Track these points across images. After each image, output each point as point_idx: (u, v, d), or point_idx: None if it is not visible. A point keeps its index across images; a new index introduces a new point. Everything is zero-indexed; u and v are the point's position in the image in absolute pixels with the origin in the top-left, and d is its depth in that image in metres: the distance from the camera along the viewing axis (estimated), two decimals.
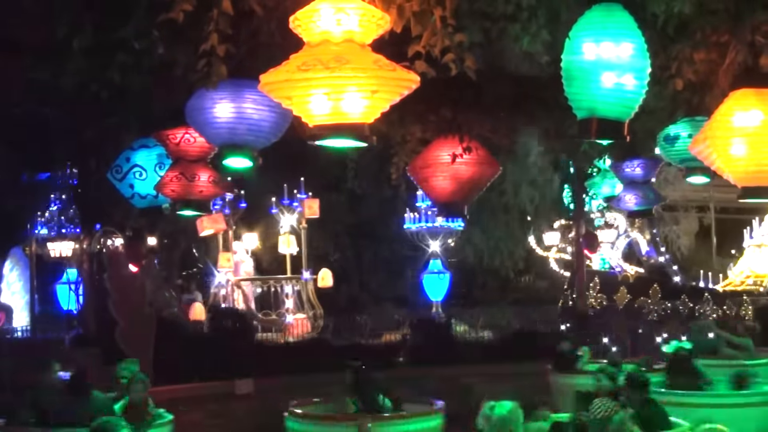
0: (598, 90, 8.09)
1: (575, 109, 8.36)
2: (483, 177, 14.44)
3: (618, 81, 8.05)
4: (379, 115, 7.12)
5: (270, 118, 10.05)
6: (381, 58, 6.91)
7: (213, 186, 12.99)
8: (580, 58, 8.15)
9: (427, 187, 14.78)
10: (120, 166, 15.13)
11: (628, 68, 8.08)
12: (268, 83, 7.07)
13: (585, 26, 8.24)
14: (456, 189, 14.28)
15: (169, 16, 7.23)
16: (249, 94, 9.87)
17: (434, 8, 7.34)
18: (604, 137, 8.71)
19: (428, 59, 7.32)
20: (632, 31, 8.20)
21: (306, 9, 6.93)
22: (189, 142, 12.76)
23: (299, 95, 6.91)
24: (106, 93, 10.39)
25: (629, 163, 16.13)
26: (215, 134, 10.38)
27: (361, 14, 6.89)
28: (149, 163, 14.71)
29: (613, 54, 8.05)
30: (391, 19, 7.19)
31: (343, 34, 6.88)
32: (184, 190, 12.88)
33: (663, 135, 12.79)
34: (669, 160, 13.47)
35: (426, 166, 14.39)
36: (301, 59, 6.84)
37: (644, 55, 8.21)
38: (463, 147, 13.52)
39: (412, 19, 7.41)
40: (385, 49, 7.13)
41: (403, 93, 7.08)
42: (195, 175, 12.82)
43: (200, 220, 23.07)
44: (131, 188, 15.17)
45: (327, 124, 6.99)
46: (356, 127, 7.01)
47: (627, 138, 8.43)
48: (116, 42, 9.59)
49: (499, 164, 14.59)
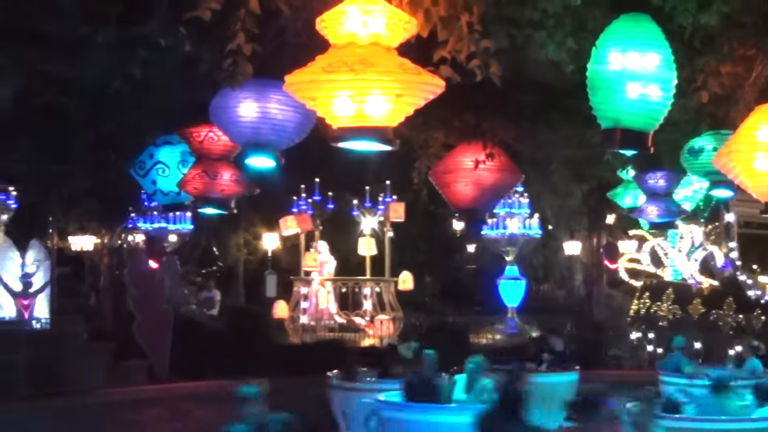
0: (623, 100, 8.07)
1: (599, 119, 8.34)
2: (505, 184, 14.42)
3: (643, 92, 8.03)
4: (403, 119, 7.10)
5: (294, 118, 10.07)
6: (406, 61, 6.90)
7: (235, 184, 13.01)
8: (605, 68, 8.13)
9: (449, 193, 14.75)
10: (143, 162, 15.19)
11: (654, 79, 8.06)
12: (293, 83, 7.08)
13: (611, 36, 8.23)
14: (477, 195, 14.25)
15: (196, 14, 7.24)
16: (273, 94, 9.89)
17: (461, 13, 7.32)
18: (627, 148, 8.69)
19: (453, 64, 7.30)
20: (659, 42, 8.17)
21: (333, 10, 6.93)
22: (212, 140, 12.79)
23: (323, 96, 6.91)
24: (127, 88, 10.42)
25: (652, 175, 16.04)
26: (239, 133, 10.41)
27: (387, 17, 6.88)
28: (172, 159, 14.75)
29: (638, 64, 8.03)
30: (417, 23, 7.18)
31: (369, 36, 6.87)
32: (206, 188, 12.91)
33: (687, 147, 12.72)
34: (692, 173, 13.40)
35: (448, 171, 14.37)
36: (327, 60, 6.84)
37: (670, 67, 8.18)
38: (486, 153, 13.50)
39: (438, 23, 7.40)
40: (411, 53, 7.12)
41: (427, 97, 7.07)
42: (217, 173, 12.85)
43: (284, 219, 23.21)
44: (154, 184, 15.23)
45: (350, 126, 6.98)
46: (380, 130, 7.00)
47: (650, 149, 8.40)
48: (139, 37, 9.63)
49: (521, 172, 14.56)
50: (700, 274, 22.79)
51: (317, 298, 22.86)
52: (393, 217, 23.02)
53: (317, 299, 22.83)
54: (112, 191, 20.42)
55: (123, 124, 15.39)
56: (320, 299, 22.84)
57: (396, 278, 23.24)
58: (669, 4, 8.41)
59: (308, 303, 22.80)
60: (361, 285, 22.99)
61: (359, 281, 23.14)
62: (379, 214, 23.26)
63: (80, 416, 14.90)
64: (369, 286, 22.90)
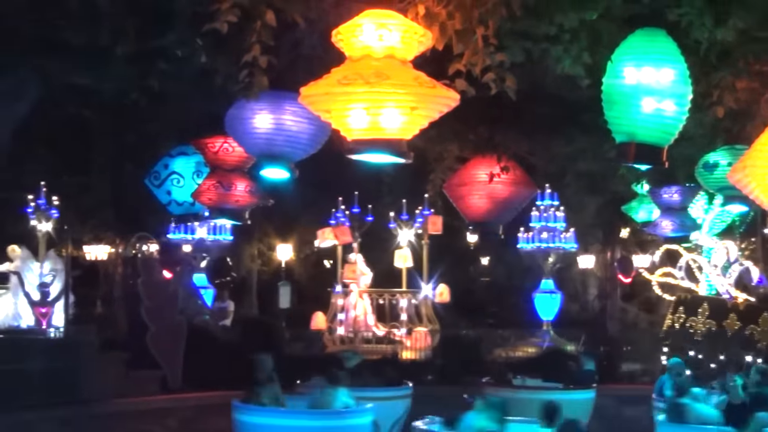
0: (638, 115, 8.06)
1: (614, 133, 8.33)
2: (519, 197, 14.42)
3: (658, 106, 8.02)
4: (417, 132, 7.11)
5: (308, 130, 10.10)
6: (421, 74, 6.92)
7: (249, 195, 13.05)
8: (620, 82, 8.13)
9: (463, 206, 14.76)
10: (158, 172, 15.25)
11: (669, 94, 8.05)
12: (308, 96, 7.09)
13: (627, 50, 8.22)
14: (492, 208, 14.26)
15: (213, 26, 7.27)
16: (288, 106, 9.92)
17: (477, 27, 7.33)
18: (642, 162, 8.67)
19: (468, 78, 7.31)
20: (674, 57, 8.16)
21: (349, 23, 6.95)
22: (227, 151, 12.84)
23: (338, 109, 6.93)
24: (145, 99, 10.47)
25: (667, 189, 16.01)
26: (254, 144, 10.45)
27: (403, 31, 6.90)
28: (187, 170, 14.82)
29: (653, 79, 8.02)
30: (433, 36, 7.20)
31: (385, 49, 6.88)
32: (220, 198, 12.96)
33: (702, 162, 12.69)
34: (707, 187, 13.36)
35: (462, 184, 14.38)
36: (342, 73, 6.86)
37: (685, 82, 8.17)
38: (500, 166, 13.50)
39: (454, 37, 7.41)
40: (426, 66, 7.13)
41: (442, 110, 7.08)
42: (232, 184, 12.89)
43: (321, 231, 23.28)
44: (168, 195, 15.28)
45: (365, 139, 6.99)
46: (394, 143, 7.01)
47: (665, 164, 8.39)
48: (157, 49, 9.68)
49: (535, 185, 14.55)
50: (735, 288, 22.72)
51: (356, 309, 22.95)
52: (431, 230, 23.11)
53: (356, 311, 22.92)
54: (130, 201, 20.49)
55: (140, 135, 15.46)
56: (359, 311, 22.93)
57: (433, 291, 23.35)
58: (685, 19, 8.40)
59: (345, 314, 22.88)
60: (398, 297, 23.08)
61: (396, 293, 23.24)
62: (416, 226, 23.38)
63: (92, 425, 14.90)
64: (406, 298, 22.99)
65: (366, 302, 23.04)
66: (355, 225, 22.90)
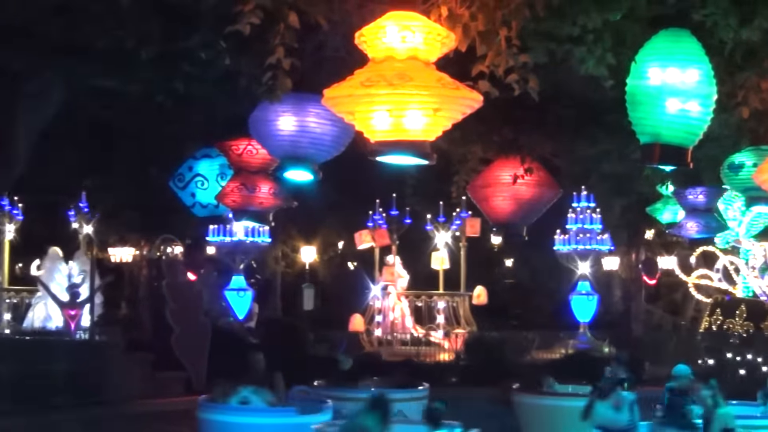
0: (663, 115, 8.03)
1: (639, 134, 8.30)
2: (543, 198, 14.38)
3: (683, 107, 7.98)
4: (440, 133, 7.11)
5: (332, 132, 10.11)
6: (444, 76, 6.91)
7: (273, 197, 13.08)
8: (645, 83, 8.10)
9: (487, 207, 14.74)
10: (183, 174, 15.31)
11: (694, 95, 8.01)
12: (332, 98, 7.10)
13: (651, 51, 8.19)
14: (515, 210, 14.23)
15: (236, 27, 7.29)
16: (312, 108, 9.94)
17: (500, 28, 7.32)
18: (666, 163, 8.63)
19: (492, 79, 7.30)
20: (699, 58, 8.13)
21: (372, 25, 6.95)
22: (251, 153, 12.87)
23: (362, 110, 6.93)
24: (170, 102, 10.51)
25: (692, 191, 15.91)
26: (278, 146, 10.46)
27: (426, 32, 6.89)
28: (211, 172, 14.87)
29: (678, 80, 7.99)
30: (456, 38, 7.19)
31: (408, 51, 6.88)
32: (244, 200, 12.99)
33: (727, 163, 12.61)
34: (732, 188, 13.28)
35: (486, 185, 14.36)
36: (365, 75, 6.86)
37: (710, 82, 8.13)
38: (524, 168, 13.47)
39: (477, 38, 7.40)
40: (450, 68, 7.12)
41: (465, 112, 7.06)
42: (256, 186, 12.92)
43: (359, 234, 23.39)
44: (193, 197, 15.34)
45: (388, 141, 6.99)
46: (417, 145, 7.00)
47: (690, 164, 8.35)
48: (182, 52, 9.72)
49: (559, 186, 14.51)
50: None
51: (394, 312, 23.04)
52: (469, 232, 23.23)
53: (394, 313, 23.02)
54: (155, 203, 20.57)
55: (165, 137, 15.52)
56: (397, 313, 23.03)
57: (470, 293, 23.42)
58: (710, 19, 8.35)
59: (383, 317, 22.96)
60: (435, 299, 23.15)
61: (434, 295, 23.30)
62: (454, 229, 23.44)
63: (118, 426, 14.99)
64: (443, 300, 23.06)
65: (404, 304, 23.13)
66: (393, 227, 22.98)
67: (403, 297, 23.43)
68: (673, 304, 29.34)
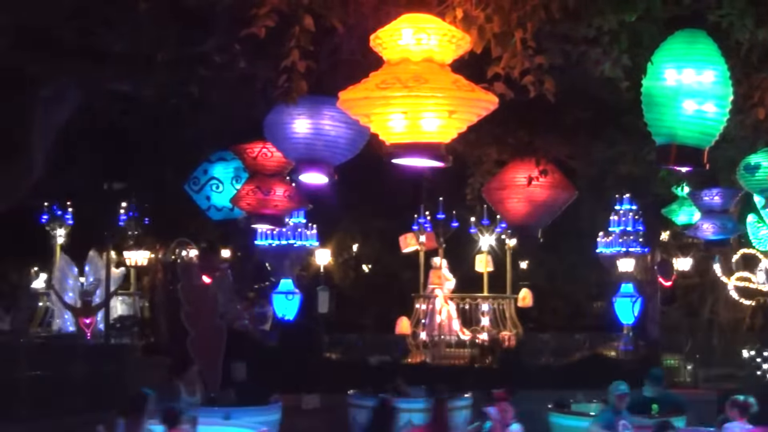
0: (679, 116, 8.01)
1: (654, 135, 8.28)
2: (558, 200, 14.34)
3: (699, 108, 7.97)
4: (456, 136, 7.10)
5: (347, 134, 10.12)
6: (460, 78, 6.90)
7: (288, 201, 13.09)
8: (661, 84, 8.08)
9: (502, 209, 14.72)
10: (197, 178, 15.34)
11: (710, 96, 7.99)
12: (347, 100, 7.10)
13: (667, 52, 8.18)
14: (530, 212, 14.20)
15: (251, 31, 7.30)
16: (327, 111, 9.95)
17: (515, 30, 7.32)
18: (682, 164, 8.60)
19: (507, 81, 7.29)
20: (715, 59, 8.11)
21: (387, 27, 6.95)
22: (266, 156, 12.88)
23: (377, 113, 6.93)
24: (185, 105, 10.53)
25: (708, 192, 15.85)
26: (292, 149, 10.48)
27: (441, 34, 6.89)
28: (226, 176, 14.89)
29: (694, 81, 7.97)
30: (471, 39, 7.19)
31: (423, 53, 6.88)
32: (259, 204, 13.00)
33: (743, 164, 12.58)
34: (749, 189, 13.25)
35: (501, 187, 14.34)
36: (380, 77, 6.86)
37: (726, 83, 8.11)
38: (539, 170, 13.45)
39: (492, 40, 7.40)
40: (465, 70, 7.12)
41: (481, 114, 7.06)
42: (271, 189, 12.93)
43: (404, 237, 23.49)
44: (208, 200, 15.36)
45: (404, 143, 6.99)
46: (433, 147, 7.00)
47: (706, 166, 8.33)
48: (197, 56, 9.74)
49: (574, 188, 14.48)
50: None
51: (441, 314, 23.14)
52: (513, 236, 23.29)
53: (441, 316, 23.12)
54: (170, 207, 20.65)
55: (180, 141, 15.56)
56: (443, 316, 23.13)
57: (516, 295, 23.53)
58: (726, 20, 8.33)
59: (430, 319, 23.06)
60: (480, 302, 23.24)
61: (479, 298, 23.39)
62: (498, 232, 23.53)
63: None
64: (488, 302, 23.16)
65: (451, 307, 23.22)
66: (440, 231, 23.11)
67: (450, 300, 23.55)
68: (689, 307, 29.25)
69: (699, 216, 16.70)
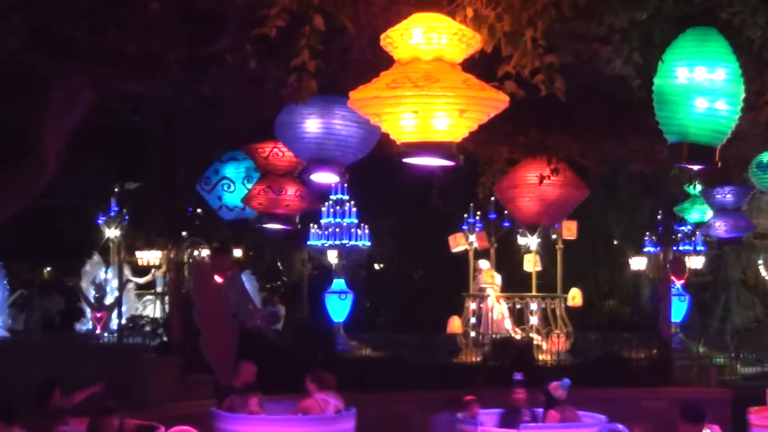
0: (690, 114, 8.00)
1: (666, 133, 8.27)
2: (570, 199, 14.34)
3: (711, 106, 7.95)
4: (467, 135, 7.10)
5: (357, 134, 10.13)
6: (470, 77, 6.90)
7: (300, 200, 13.10)
8: (672, 82, 8.07)
9: (514, 208, 14.73)
10: (209, 177, 15.37)
11: (722, 93, 7.98)
12: (358, 100, 7.11)
13: (679, 50, 8.16)
14: (542, 210, 14.21)
15: (262, 30, 7.31)
16: (338, 110, 9.96)
17: (525, 29, 7.31)
18: (694, 162, 8.60)
19: (518, 80, 7.28)
20: (727, 56, 8.09)
21: (397, 27, 6.95)
22: (277, 156, 12.90)
23: (388, 112, 6.93)
24: (197, 106, 10.54)
25: (720, 190, 15.83)
26: (304, 149, 10.49)
27: (451, 33, 6.89)
28: (238, 175, 14.92)
29: (706, 78, 7.96)
30: (481, 38, 7.18)
31: (434, 52, 6.87)
32: (271, 203, 13.02)
33: (756, 162, 12.57)
34: (761, 187, 13.23)
35: (513, 186, 14.34)
36: (391, 77, 6.86)
37: (738, 81, 8.09)
38: (550, 169, 13.44)
39: (502, 39, 7.39)
40: (475, 69, 7.11)
41: (491, 113, 7.05)
42: (282, 188, 12.95)
43: (453, 237, 23.50)
44: (219, 200, 15.40)
45: (414, 142, 6.99)
46: (444, 146, 6.99)
47: (718, 164, 8.31)
48: (209, 56, 9.75)
49: (586, 187, 14.47)
50: None
51: (493, 313, 23.17)
52: (566, 235, 23.37)
53: (493, 314, 23.15)
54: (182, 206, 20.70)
55: (191, 141, 15.59)
56: (496, 315, 23.17)
57: (566, 294, 23.56)
58: (737, 17, 8.31)
59: (482, 319, 23.08)
60: (529, 301, 23.26)
61: (526, 297, 23.42)
62: None
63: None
64: (537, 302, 23.18)
65: (503, 306, 23.23)
66: (491, 230, 23.13)
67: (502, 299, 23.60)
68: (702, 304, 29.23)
69: (711, 214, 16.68)
